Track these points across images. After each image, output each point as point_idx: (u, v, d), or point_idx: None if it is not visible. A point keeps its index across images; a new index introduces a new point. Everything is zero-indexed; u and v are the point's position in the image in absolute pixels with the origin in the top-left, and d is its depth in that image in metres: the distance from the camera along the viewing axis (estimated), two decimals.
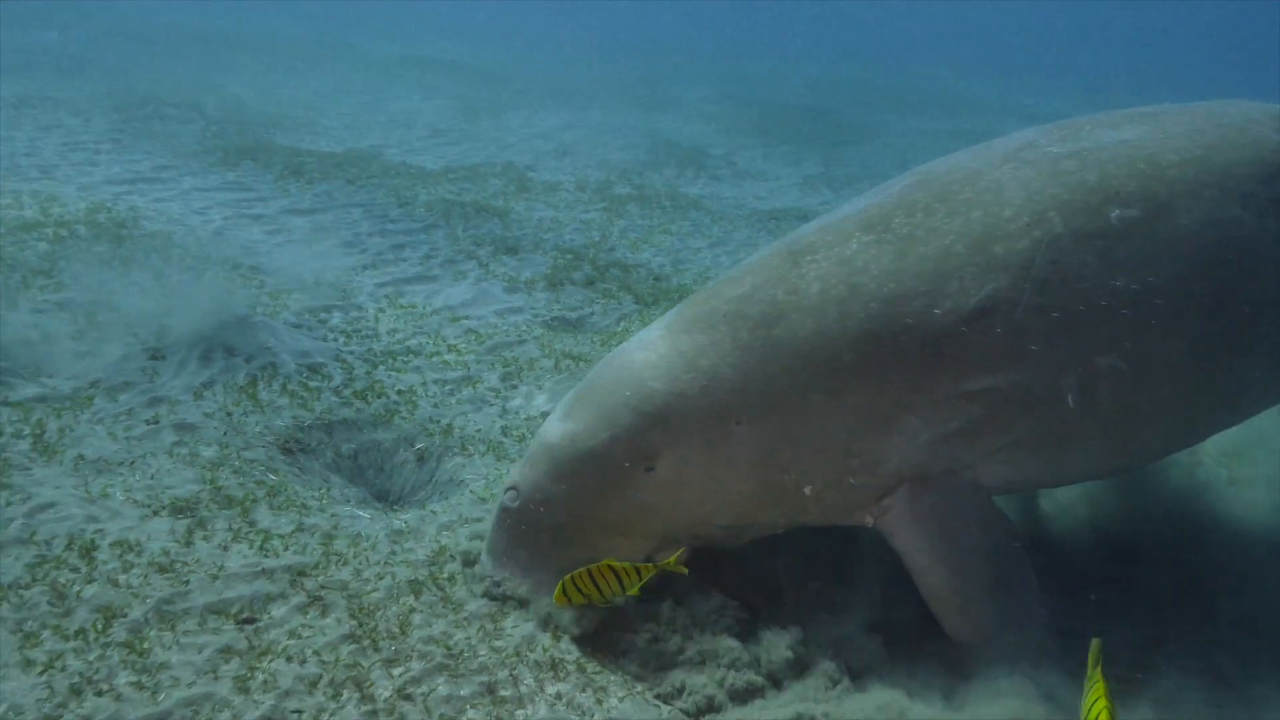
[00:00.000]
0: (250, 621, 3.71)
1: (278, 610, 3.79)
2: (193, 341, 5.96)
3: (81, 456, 4.71)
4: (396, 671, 3.52)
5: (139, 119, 14.16)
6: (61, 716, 3.16)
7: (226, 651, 3.53)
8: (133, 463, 4.71)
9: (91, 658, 3.43)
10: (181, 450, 4.88)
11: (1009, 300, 3.54)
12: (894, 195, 3.90)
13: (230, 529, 4.27)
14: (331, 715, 3.29)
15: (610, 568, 3.60)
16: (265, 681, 3.40)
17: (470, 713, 3.39)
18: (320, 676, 3.45)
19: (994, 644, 3.61)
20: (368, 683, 3.44)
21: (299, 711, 3.29)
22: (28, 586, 3.75)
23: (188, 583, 3.88)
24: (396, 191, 11.35)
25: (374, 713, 3.32)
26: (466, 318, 7.45)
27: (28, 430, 4.87)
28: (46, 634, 3.52)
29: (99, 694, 3.27)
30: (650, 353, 3.80)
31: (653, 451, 3.67)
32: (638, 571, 3.62)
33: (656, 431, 3.68)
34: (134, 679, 3.35)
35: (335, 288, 7.74)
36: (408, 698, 3.41)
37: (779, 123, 20.09)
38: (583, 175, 13.59)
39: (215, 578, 3.92)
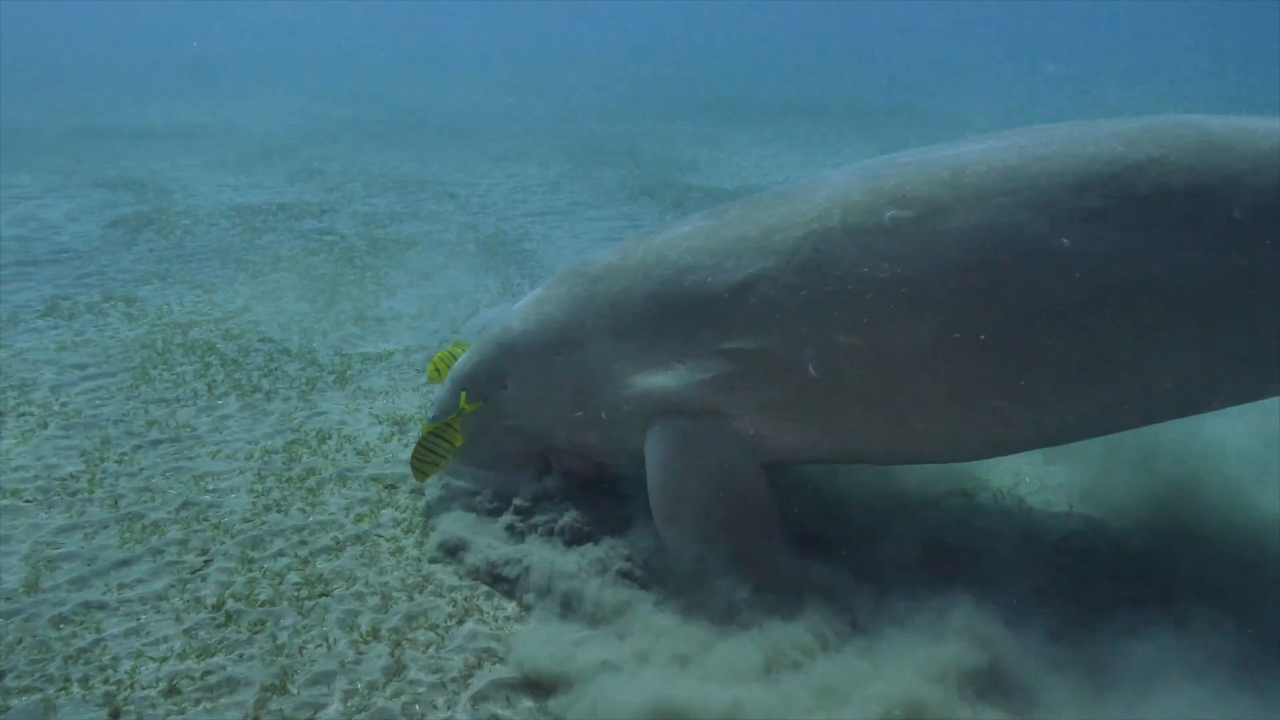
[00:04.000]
0: (392, 488, 5.35)
1: (412, 483, 5.39)
2: (483, 320, 7.88)
3: (359, 387, 6.76)
4: None
5: (585, 165, 17.07)
6: (254, 519, 5.01)
7: (364, 501, 5.20)
8: (387, 393, 6.65)
9: (286, 493, 5.28)
10: (422, 389, 6.74)
11: (769, 278, 4.11)
12: (764, 193, 4.59)
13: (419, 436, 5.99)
14: (399, 541, 4.80)
15: (430, 433, 4.81)
16: (371, 519, 5.01)
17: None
18: (406, 520, 4.98)
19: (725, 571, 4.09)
20: (432, 529, 4.90)
21: (380, 536, 4.85)
22: (278, 453, 5.75)
23: (369, 461, 5.64)
24: None
25: (421, 542, 4.77)
26: None
27: (338, 369, 7.05)
28: (271, 479, 5.45)
29: (278, 511, 5.10)
30: (524, 302, 4.98)
31: (503, 374, 4.84)
32: (450, 426, 4.80)
33: (506, 358, 4.85)
34: (302, 507, 5.14)
35: None
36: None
37: None
38: None
39: (388, 461, 5.65)
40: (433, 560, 4.61)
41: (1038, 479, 5.41)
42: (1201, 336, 3.78)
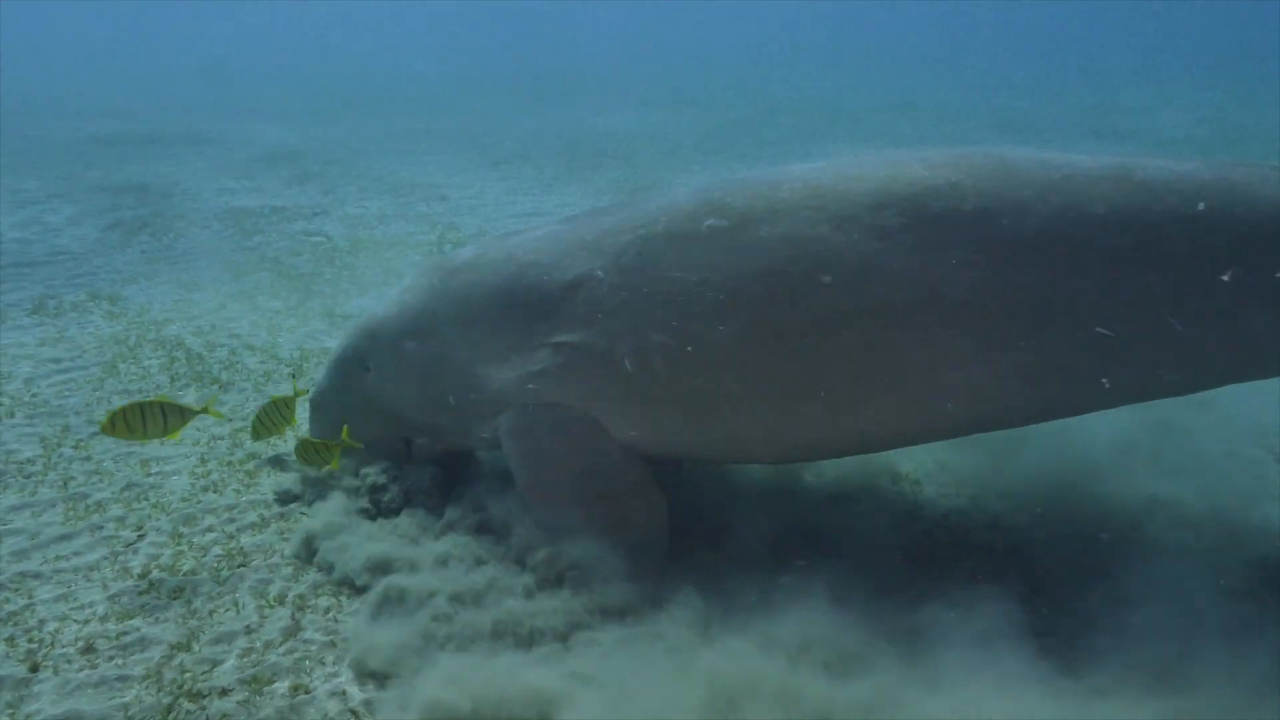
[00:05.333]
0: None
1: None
2: None
3: (313, 379, 7.14)
4: None
5: (580, 168, 17.43)
6: (190, 499, 5.39)
7: (288, 491, 5.54)
8: None
9: (225, 475, 5.66)
10: None
11: (596, 278, 4.41)
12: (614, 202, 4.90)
13: None
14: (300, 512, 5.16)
15: (325, 445, 5.22)
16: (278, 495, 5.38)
17: None
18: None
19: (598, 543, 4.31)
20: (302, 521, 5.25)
21: (304, 514, 5.20)
22: (224, 439, 6.14)
23: None
24: None
25: None
26: None
27: (296, 362, 7.44)
28: (213, 462, 5.83)
29: (214, 491, 5.47)
30: (394, 291, 5.29)
31: (365, 357, 5.16)
32: (287, 404, 5.48)
33: (367, 342, 5.17)
34: (237, 488, 5.51)
35: None
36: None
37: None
38: None
39: None
40: (299, 556, 4.80)
41: (940, 465, 5.68)
42: (986, 351, 4.02)
